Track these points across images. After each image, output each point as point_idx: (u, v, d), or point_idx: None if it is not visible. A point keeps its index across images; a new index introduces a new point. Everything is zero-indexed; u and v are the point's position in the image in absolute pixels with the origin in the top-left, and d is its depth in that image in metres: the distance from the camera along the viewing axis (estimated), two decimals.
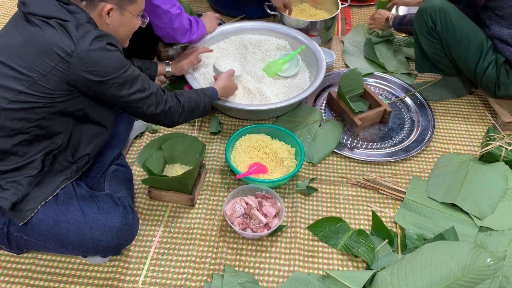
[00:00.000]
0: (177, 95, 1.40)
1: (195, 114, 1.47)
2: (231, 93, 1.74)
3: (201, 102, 1.47)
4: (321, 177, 1.69)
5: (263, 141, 1.70)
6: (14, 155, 1.18)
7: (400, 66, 2.20)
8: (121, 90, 1.21)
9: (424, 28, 1.79)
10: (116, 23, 1.26)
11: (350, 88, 1.90)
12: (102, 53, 1.14)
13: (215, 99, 1.59)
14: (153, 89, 1.29)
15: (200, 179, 1.59)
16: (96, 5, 1.20)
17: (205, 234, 1.48)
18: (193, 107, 1.43)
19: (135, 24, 1.34)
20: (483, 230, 1.48)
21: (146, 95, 1.26)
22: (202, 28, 1.94)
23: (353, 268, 1.41)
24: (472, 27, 1.72)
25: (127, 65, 1.21)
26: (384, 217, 1.55)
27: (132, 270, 1.39)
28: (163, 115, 1.33)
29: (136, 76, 1.24)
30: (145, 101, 1.27)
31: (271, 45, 2.10)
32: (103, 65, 1.15)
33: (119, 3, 1.23)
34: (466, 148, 1.81)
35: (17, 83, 1.11)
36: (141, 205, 1.57)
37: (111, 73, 1.16)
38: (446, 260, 1.27)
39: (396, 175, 1.70)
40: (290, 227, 1.51)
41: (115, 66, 1.17)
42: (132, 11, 1.28)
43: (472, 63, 1.76)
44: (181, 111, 1.39)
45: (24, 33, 1.13)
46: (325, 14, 2.30)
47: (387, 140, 1.83)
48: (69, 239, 1.23)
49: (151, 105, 1.29)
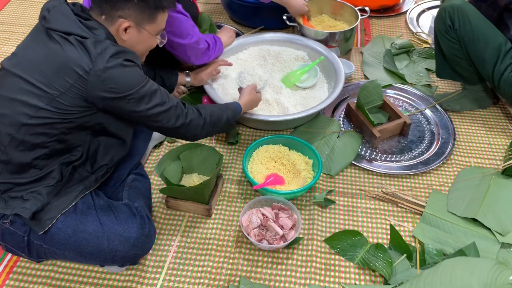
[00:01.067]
0: (198, 108, 1.38)
1: (218, 128, 1.45)
2: (255, 105, 1.72)
3: (224, 116, 1.45)
4: (339, 189, 1.67)
5: (281, 152, 1.70)
6: (34, 168, 1.21)
7: (420, 78, 2.18)
8: (139, 105, 1.21)
9: (442, 27, 1.78)
10: (133, 40, 1.27)
11: (369, 100, 1.88)
12: (119, 70, 1.14)
13: (239, 113, 1.56)
14: (173, 103, 1.28)
15: (217, 189, 1.60)
16: (115, 20, 1.21)
17: (221, 245, 1.49)
18: (215, 121, 1.42)
19: (153, 43, 1.34)
20: (506, 247, 1.44)
21: (165, 109, 1.26)
22: (219, 50, 1.92)
23: (370, 283, 1.39)
24: (490, 28, 1.70)
25: (144, 80, 1.21)
26: (402, 231, 1.53)
27: (148, 279, 1.40)
28: (184, 128, 1.32)
29: (155, 90, 1.23)
30: (165, 115, 1.26)
31: (290, 56, 2.10)
32: (120, 82, 1.15)
33: (138, 21, 1.23)
34: (488, 161, 1.78)
35: (38, 99, 1.14)
36: (159, 215, 1.58)
37: (128, 89, 1.17)
38: (467, 277, 1.24)
39: (415, 188, 1.67)
40: (307, 239, 1.49)
41: (132, 82, 1.17)
42: (151, 30, 1.28)
43: (489, 65, 1.73)
44: (203, 124, 1.37)
45: (44, 48, 1.15)
46: (344, 25, 2.30)
47: (406, 153, 1.81)
48: (87, 248, 1.25)
49: (170, 118, 1.28)
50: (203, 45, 1.79)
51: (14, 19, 2.69)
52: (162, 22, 1.31)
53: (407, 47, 2.32)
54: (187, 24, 1.68)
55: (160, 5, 1.25)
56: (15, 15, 2.73)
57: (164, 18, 1.31)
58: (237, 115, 1.54)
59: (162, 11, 1.27)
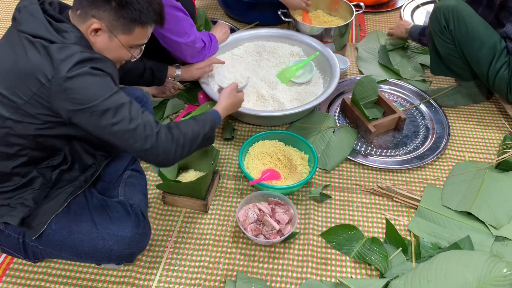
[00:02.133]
0: (171, 128, 1.19)
1: (194, 147, 1.25)
2: (237, 108, 1.58)
3: (200, 133, 1.25)
4: (335, 184, 1.68)
5: (277, 148, 1.71)
6: (16, 176, 1.18)
7: (414, 73, 2.19)
8: (102, 119, 1.07)
9: (437, 27, 1.78)
10: (102, 46, 1.13)
11: (364, 95, 1.89)
12: (83, 79, 1.03)
13: (218, 123, 1.37)
14: (143, 121, 1.11)
15: (214, 185, 1.60)
16: (87, 19, 1.10)
17: (218, 240, 1.49)
18: (190, 141, 1.22)
19: (123, 54, 1.18)
20: (500, 240, 1.45)
21: (132, 127, 1.09)
22: (214, 48, 1.91)
23: (366, 276, 1.40)
24: (485, 27, 1.71)
25: (111, 92, 1.07)
26: (398, 225, 1.54)
27: (145, 275, 1.40)
28: (153, 151, 1.13)
29: (121, 104, 1.08)
30: (131, 133, 1.09)
31: (285, 52, 2.10)
32: (82, 92, 1.04)
33: (111, 27, 1.11)
34: (482, 156, 1.79)
35: (3, 109, 1.08)
36: (155, 210, 1.58)
37: (90, 100, 1.04)
38: (462, 269, 1.26)
39: (410, 182, 1.68)
40: (303, 234, 1.50)
41: (96, 92, 1.05)
42: (124, 41, 1.14)
43: (484, 65, 1.74)
44: (176, 147, 1.17)
45: (12, 53, 1.08)
46: (339, 21, 2.30)
47: (401, 148, 1.82)
48: (82, 249, 1.25)
49: (138, 139, 1.10)
50: (200, 44, 1.79)
51: None
52: (141, 37, 1.16)
53: (401, 43, 2.32)
54: (185, 23, 1.68)
55: (139, 19, 1.11)
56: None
57: (145, 33, 1.16)
58: (216, 125, 1.35)
59: (141, 26, 1.13)
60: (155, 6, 1.14)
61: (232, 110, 1.56)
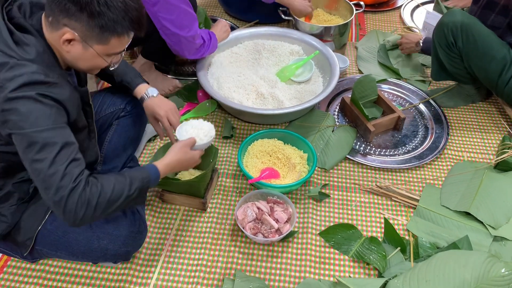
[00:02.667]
0: (90, 184, 1.03)
1: (112, 209, 1.08)
2: (188, 167, 1.38)
3: (124, 193, 1.09)
4: (334, 183, 1.68)
5: (276, 146, 1.70)
6: None
7: (414, 73, 2.19)
8: (27, 150, 0.99)
9: (443, 42, 1.76)
10: (76, 55, 1.06)
11: (363, 94, 1.89)
12: (24, 103, 0.96)
13: (152, 182, 1.18)
14: (66, 170, 0.99)
15: (212, 183, 1.60)
16: (59, 27, 1.01)
17: (216, 238, 1.49)
18: (107, 202, 1.06)
19: (100, 63, 1.11)
20: (498, 240, 1.45)
21: (50, 172, 0.98)
22: (213, 47, 1.90)
23: (365, 276, 1.40)
24: (495, 41, 1.68)
25: (48, 126, 0.99)
26: (396, 224, 1.54)
27: (143, 273, 1.40)
28: (59, 206, 1.00)
29: (52, 143, 0.99)
30: (44, 177, 0.99)
31: (285, 50, 2.10)
32: (19, 117, 0.97)
33: (85, 37, 1.02)
34: (480, 156, 1.79)
35: None
36: (154, 208, 1.58)
37: (23, 127, 0.97)
38: (460, 269, 1.26)
39: (409, 182, 1.68)
40: (302, 233, 1.50)
41: (31, 121, 0.97)
42: (99, 50, 1.06)
43: (493, 76, 1.72)
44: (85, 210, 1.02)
45: None
46: (339, 20, 2.30)
47: (400, 147, 1.82)
48: (77, 248, 1.25)
49: (49, 186, 0.99)
50: (199, 41, 1.78)
51: None
52: (118, 46, 1.08)
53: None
54: (188, 16, 1.66)
55: (114, 29, 1.03)
56: None
57: (122, 42, 1.07)
58: (151, 184, 1.18)
59: (117, 36, 1.04)
60: (132, 14, 1.04)
61: (179, 169, 1.39)
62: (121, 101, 1.54)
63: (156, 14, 1.61)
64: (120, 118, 1.54)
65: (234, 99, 1.83)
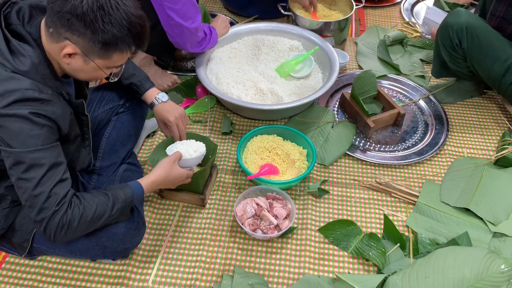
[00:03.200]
0: (73, 205, 1.06)
1: (92, 228, 1.13)
2: (173, 184, 1.36)
3: (106, 214, 1.12)
4: (333, 179, 1.67)
5: (275, 142, 1.70)
6: None
7: (414, 68, 2.18)
8: (13, 168, 1.00)
9: (448, 43, 1.75)
10: (76, 68, 1.06)
11: (363, 90, 1.88)
12: (14, 121, 0.96)
13: (136, 201, 1.20)
14: (51, 191, 1.01)
15: (211, 179, 1.59)
16: (60, 40, 1.00)
17: (215, 235, 1.48)
18: (88, 223, 1.09)
19: (100, 75, 1.11)
20: (497, 236, 1.45)
21: (35, 193, 1.00)
22: (213, 41, 1.89)
23: (364, 272, 1.40)
24: (500, 42, 1.67)
25: (37, 147, 0.99)
26: (396, 220, 1.53)
27: (142, 269, 1.39)
28: (41, 225, 1.03)
29: (40, 165, 1.00)
30: (31, 198, 1.01)
31: (284, 46, 2.09)
32: (8, 134, 0.97)
33: (87, 51, 1.01)
34: (480, 152, 1.79)
35: None
36: (152, 205, 1.57)
37: (11, 145, 0.98)
38: (459, 265, 1.25)
39: (409, 178, 1.68)
40: (301, 229, 1.50)
41: (20, 140, 0.97)
42: (101, 64, 1.06)
43: (496, 77, 1.71)
44: (66, 232, 1.05)
45: None
46: (339, 15, 2.29)
47: (400, 143, 1.81)
48: (76, 246, 1.25)
49: (33, 205, 1.01)
50: (201, 34, 1.78)
51: None
52: (120, 60, 1.08)
53: (401, 38, 2.31)
54: (193, 8, 1.66)
55: (116, 45, 1.02)
56: None
57: (124, 56, 1.07)
58: (132, 203, 1.19)
59: (120, 51, 1.04)
60: (136, 30, 1.03)
61: (166, 186, 1.36)
62: (120, 97, 1.53)
63: (162, 3, 1.61)
64: (119, 114, 1.53)
65: (233, 94, 1.82)
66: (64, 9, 0.95)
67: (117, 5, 0.98)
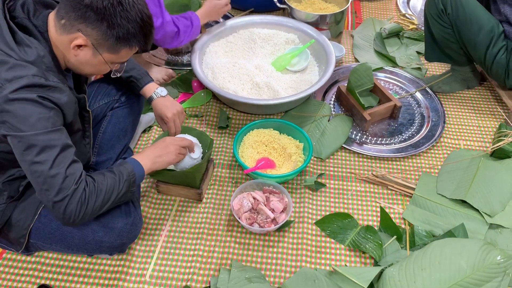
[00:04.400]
0: (89, 183, 1.08)
1: (107, 205, 1.14)
2: (166, 156, 1.32)
3: (114, 193, 1.14)
4: (329, 172, 1.67)
5: (271, 136, 1.70)
6: None
7: (410, 60, 2.18)
8: (26, 153, 1.00)
9: (434, 11, 1.77)
10: (83, 60, 1.08)
11: (359, 83, 1.88)
12: (24, 105, 0.97)
13: (139, 179, 1.22)
14: (66, 172, 1.02)
15: (208, 174, 1.59)
16: (72, 31, 1.03)
17: (212, 229, 1.49)
18: (104, 198, 1.11)
19: (104, 69, 1.15)
20: (494, 228, 1.46)
21: (51, 174, 1.00)
22: (195, 33, 1.84)
23: (361, 264, 1.40)
24: (483, 11, 1.69)
25: (48, 129, 1.00)
26: (392, 213, 1.54)
27: (139, 263, 1.40)
28: (61, 206, 1.03)
29: (52, 146, 1.00)
30: (46, 179, 1.01)
31: (280, 39, 2.08)
32: (18, 118, 0.97)
33: (98, 44, 1.05)
34: (477, 144, 1.79)
35: None
36: (149, 199, 1.57)
37: (22, 129, 0.98)
38: (456, 257, 1.26)
39: (405, 171, 1.68)
40: (298, 222, 1.50)
41: (31, 123, 0.98)
42: (108, 59, 1.09)
43: (482, 49, 1.72)
44: (86, 209, 1.07)
45: None
46: (335, 8, 2.28)
47: (396, 136, 1.81)
48: (72, 241, 1.25)
49: (51, 187, 1.01)
50: (171, 29, 1.72)
51: None
52: (126, 56, 1.12)
53: (397, 31, 2.31)
54: (152, 5, 1.62)
55: (128, 41, 1.07)
56: None
57: (131, 53, 1.12)
58: (136, 182, 1.21)
59: (129, 47, 1.09)
60: (146, 28, 1.08)
61: (159, 158, 1.30)
62: (116, 91, 1.53)
63: None
64: (115, 109, 1.53)
65: (229, 89, 1.81)
66: (83, 2, 0.99)
67: (134, 3, 1.04)
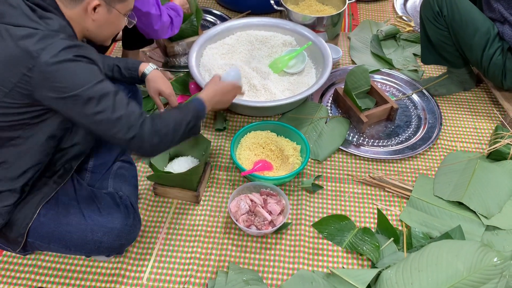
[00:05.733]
0: (154, 118, 1.16)
1: (178, 136, 1.21)
2: (227, 96, 1.47)
3: (183, 122, 1.22)
4: (327, 174, 1.68)
5: (269, 138, 1.70)
6: None
7: (407, 62, 2.18)
8: (86, 108, 1.05)
9: (430, 14, 1.77)
10: (102, 21, 1.15)
11: (356, 85, 1.88)
12: (66, 66, 1.01)
13: (203, 111, 1.31)
14: (127, 111, 1.09)
15: (205, 176, 1.59)
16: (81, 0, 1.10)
17: (209, 231, 1.48)
18: (173, 130, 1.19)
19: (121, 23, 1.22)
20: (490, 229, 1.46)
21: (115, 117, 1.07)
22: (180, 23, 1.88)
23: (358, 266, 1.40)
24: (479, 13, 1.70)
25: (96, 80, 1.06)
26: (389, 215, 1.54)
27: (137, 266, 1.39)
28: (137, 141, 1.11)
29: (106, 93, 1.07)
30: (114, 123, 1.08)
31: (277, 41, 2.08)
32: (66, 80, 1.01)
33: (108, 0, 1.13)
34: (473, 146, 1.80)
35: None
36: (146, 202, 1.57)
37: (74, 88, 1.02)
38: (452, 259, 1.26)
39: (402, 173, 1.68)
40: (295, 224, 1.50)
41: (80, 80, 1.03)
42: (121, 9, 1.17)
43: (478, 50, 1.73)
44: (160, 138, 1.15)
45: None
46: (332, 10, 2.28)
47: (393, 138, 1.81)
48: (71, 241, 1.24)
49: (121, 128, 1.08)
50: (166, 19, 1.76)
51: None
52: (131, 1, 1.21)
53: (393, 33, 2.31)
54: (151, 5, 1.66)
55: None
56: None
57: None
58: (201, 113, 1.29)
59: None
60: None
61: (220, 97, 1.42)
62: None
63: None
64: None
65: None
66: None
67: None
